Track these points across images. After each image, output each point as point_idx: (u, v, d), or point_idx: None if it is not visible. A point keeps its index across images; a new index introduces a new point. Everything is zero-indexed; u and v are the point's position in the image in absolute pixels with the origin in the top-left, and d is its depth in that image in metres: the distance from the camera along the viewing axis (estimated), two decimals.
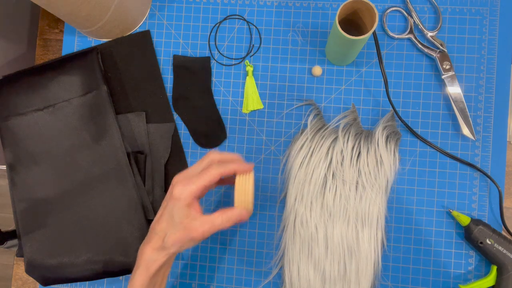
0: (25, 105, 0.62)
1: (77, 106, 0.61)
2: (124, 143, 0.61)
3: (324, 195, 0.59)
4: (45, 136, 0.61)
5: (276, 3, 0.65)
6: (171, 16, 0.66)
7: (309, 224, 0.58)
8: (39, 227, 0.60)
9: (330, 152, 0.59)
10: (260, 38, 0.65)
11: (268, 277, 0.62)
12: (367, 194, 0.58)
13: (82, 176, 0.61)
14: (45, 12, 0.69)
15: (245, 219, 0.49)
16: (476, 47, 0.62)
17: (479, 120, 0.61)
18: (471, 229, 0.57)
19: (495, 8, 0.62)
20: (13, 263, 0.67)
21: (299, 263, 0.59)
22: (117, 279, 0.64)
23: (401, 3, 0.63)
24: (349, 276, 0.58)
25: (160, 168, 0.63)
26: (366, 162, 0.58)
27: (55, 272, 0.59)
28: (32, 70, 0.63)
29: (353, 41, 0.52)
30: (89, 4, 0.56)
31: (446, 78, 0.60)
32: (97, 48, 0.65)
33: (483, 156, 0.60)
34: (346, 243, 0.58)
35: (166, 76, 0.65)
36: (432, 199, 0.60)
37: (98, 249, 0.59)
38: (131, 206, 0.60)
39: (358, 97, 0.62)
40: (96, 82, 0.62)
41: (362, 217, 0.58)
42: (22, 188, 0.61)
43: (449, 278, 0.59)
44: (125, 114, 0.64)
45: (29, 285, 0.66)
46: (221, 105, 0.65)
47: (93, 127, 0.61)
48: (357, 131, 0.60)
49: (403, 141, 0.61)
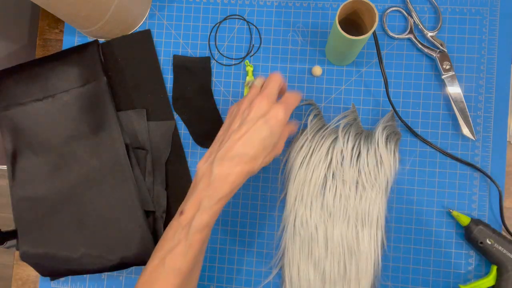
0: (25, 95, 0.62)
1: (76, 96, 0.62)
2: (123, 134, 0.61)
3: (324, 195, 0.59)
4: (44, 126, 0.61)
5: (276, 3, 0.65)
6: (171, 16, 0.66)
7: (309, 224, 0.59)
8: (37, 219, 0.60)
9: (330, 152, 0.59)
10: (260, 38, 0.65)
11: (268, 277, 0.62)
12: (367, 194, 0.58)
13: (81, 167, 0.61)
14: (45, 12, 0.69)
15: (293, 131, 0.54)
16: (476, 47, 0.62)
17: (479, 120, 0.61)
18: (471, 229, 0.57)
19: (495, 8, 0.62)
20: (13, 263, 0.67)
21: (299, 263, 0.59)
22: (117, 277, 0.64)
23: (401, 3, 0.63)
24: (349, 276, 0.58)
25: (161, 166, 0.63)
26: (366, 162, 0.58)
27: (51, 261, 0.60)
28: (32, 62, 0.64)
29: (353, 41, 0.52)
30: (89, 4, 0.56)
31: (446, 78, 0.60)
32: (97, 41, 0.65)
33: (483, 156, 0.60)
34: (346, 243, 0.58)
35: (166, 76, 0.66)
36: (432, 199, 0.60)
37: (96, 242, 0.59)
38: (129, 198, 0.60)
39: (358, 97, 0.62)
40: (95, 73, 0.62)
41: (362, 217, 0.58)
42: (21, 179, 0.61)
43: (449, 278, 0.59)
44: (126, 111, 0.64)
45: (29, 285, 0.66)
46: (221, 105, 0.65)
47: (92, 118, 0.61)
48: (357, 131, 0.60)
49: (403, 141, 0.61)
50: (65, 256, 0.59)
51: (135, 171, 0.61)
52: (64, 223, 0.60)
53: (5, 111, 0.62)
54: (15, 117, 0.62)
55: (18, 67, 0.63)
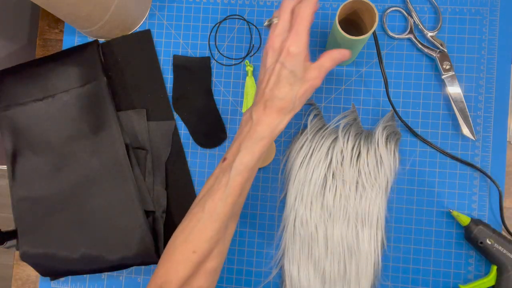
0: (25, 95, 0.62)
1: (76, 96, 0.62)
2: (123, 134, 0.61)
3: (324, 195, 0.59)
4: (44, 126, 0.62)
5: (276, 3, 0.65)
6: (171, 16, 0.66)
7: (309, 224, 0.59)
8: (37, 219, 0.61)
9: (330, 152, 0.59)
10: (260, 38, 0.65)
11: (268, 277, 0.62)
12: (367, 194, 0.58)
13: (81, 167, 0.61)
14: (45, 12, 0.69)
15: (348, 57, 0.50)
16: (476, 47, 0.62)
17: (479, 120, 0.61)
18: (471, 229, 0.57)
19: (495, 8, 0.62)
20: (13, 263, 0.67)
21: (299, 263, 0.59)
22: (117, 277, 0.64)
23: (401, 3, 0.63)
24: (349, 276, 0.58)
25: (161, 166, 0.63)
26: (366, 162, 0.58)
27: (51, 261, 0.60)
28: (32, 62, 0.64)
29: (353, 41, 0.52)
30: (89, 4, 0.56)
31: (446, 78, 0.60)
32: (97, 41, 0.65)
33: (483, 156, 0.60)
34: (346, 243, 0.58)
35: (166, 76, 0.66)
36: (432, 199, 0.60)
37: (96, 242, 0.59)
38: (129, 198, 0.60)
39: (358, 97, 0.62)
40: (95, 73, 0.62)
41: (362, 217, 0.58)
42: (21, 179, 0.61)
43: (449, 278, 0.59)
44: (126, 111, 0.64)
45: (29, 285, 0.66)
46: (221, 105, 0.65)
47: (92, 118, 0.61)
48: (357, 131, 0.60)
49: (403, 141, 0.61)
50: (65, 256, 0.59)
51: (135, 171, 0.61)
52: (64, 223, 0.60)
53: (5, 111, 0.62)
54: (15, 117, 0.62)
55: (18, 67, 0.63)
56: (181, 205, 0.63)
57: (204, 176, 0.64)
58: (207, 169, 0.64)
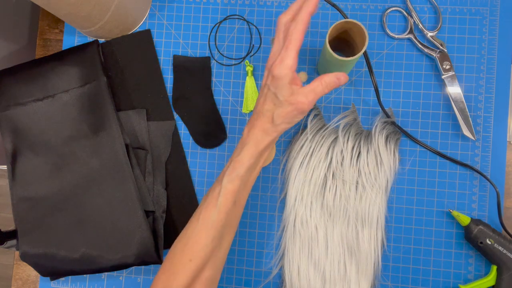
0: (25, 95, 0.62)
1: (76, 96, 0.62)
2: (123, 134, 0.61)
3: (324, 195, 0.59)
4: (44, 126, 0.62)
5: (276, 3, 0.65)
6: (171, 16, 0.66)
7: (309, 224, 0.59)
8: (37, 219, 0.61)
9: (330, 152, 0.59)
10: (260, 38, 0.65)
11: (268, 277, 0.62)
12: (367, 194, 0.58)
13: (81, 167, 0.61)
14: (45, 12, 0.69)
15: (344, 82, 0.49)
16: (476, 47, 0.62)
17: (479, 120, 0.61)
18: (471, 229, 0.57)
19: (495, 8, 0.62)
20: (13, 263, 0.67)
21: (299, 263, 0.59)
22: (117, 277, 0.64)
23: (401, 3, 0.63)
24: (349, 276, 0.58)
25: (161, 166, 0.63)
26: (366, 162, 0.58)
27: (51, 261, 0.60)
28: (32, 62, 0.64)
29: (344, 61, 0.52)
30: (89, 4, 0.56)
31: (446, 78, 0.60)
32: (97, 41, 0.65)
33: (483, 156, 0.60)
34: (346, 243, 0.58)
35: (166, 76, 0.66)
36: (432, 199, 0.60)
37: (96, 242, 0.59)
38: (129, 198, 0.60)
39: (358, 97, 0.62)
40: (95, 73, 0.62)
41: (362, 217, 0.58)
42: (21, 179, 0.61)
43: (449, 278, 0.59)
44: (126, 111, 0.64)
45: (29, 285, 0.66)
46: (221, 105, 0.65)
47: (92, 118, 0.61)
48: (357, 131, 0.60)
49: (403, 141, 0.61)
50: (65, 256, 0.59)
51: (135, 171, 0.61)
52: (64, 223, 0.60)
53: (5, 111, 0.62)
54: (15, 117, 0.62)
55: (18, 67, 0.63)
56: (181, 205, 0.63)
57: (204, 176, 0.64)
58: (207, 169, 0.64)
